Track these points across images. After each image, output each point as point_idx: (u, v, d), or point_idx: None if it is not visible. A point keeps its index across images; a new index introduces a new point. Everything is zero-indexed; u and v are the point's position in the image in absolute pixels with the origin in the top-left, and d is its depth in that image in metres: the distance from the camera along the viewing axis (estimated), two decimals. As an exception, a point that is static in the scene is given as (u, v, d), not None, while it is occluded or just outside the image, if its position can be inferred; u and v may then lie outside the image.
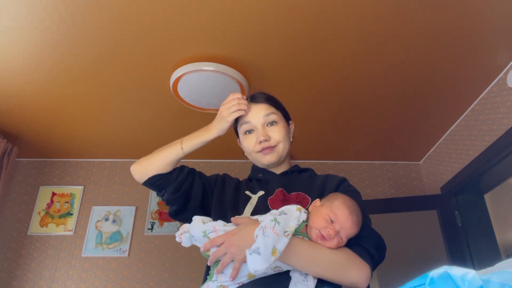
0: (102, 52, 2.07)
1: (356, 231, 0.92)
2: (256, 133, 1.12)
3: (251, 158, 1.16)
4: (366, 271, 0.90)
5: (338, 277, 0.90)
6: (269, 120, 1.13)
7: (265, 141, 1.10)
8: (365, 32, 1.94)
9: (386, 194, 3.27)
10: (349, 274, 0.89)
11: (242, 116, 1.14)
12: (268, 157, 1.11)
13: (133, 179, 3.53)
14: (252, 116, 1.13)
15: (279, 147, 1.12)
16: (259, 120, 1.12)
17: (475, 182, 2.66)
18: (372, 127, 2.86)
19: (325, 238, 0.89)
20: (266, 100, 1.16)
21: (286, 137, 1.14)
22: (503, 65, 2.20)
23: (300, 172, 1.18)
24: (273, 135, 1.11)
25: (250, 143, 1.13)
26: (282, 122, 1.15)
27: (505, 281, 0.40)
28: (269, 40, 1.99)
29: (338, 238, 0.90)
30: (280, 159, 1.14)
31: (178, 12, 1.81)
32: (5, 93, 2.41)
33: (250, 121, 1.13)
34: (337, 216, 0.90)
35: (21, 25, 1.88)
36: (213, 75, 2.14)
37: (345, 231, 0.90)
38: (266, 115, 1.12)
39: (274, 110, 1.15)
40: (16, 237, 3.00)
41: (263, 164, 1.15)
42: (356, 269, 0.90)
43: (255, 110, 1.13)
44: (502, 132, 2.24)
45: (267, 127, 1.12)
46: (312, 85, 2.37)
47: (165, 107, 2.57)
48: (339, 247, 0.91)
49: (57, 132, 2.89)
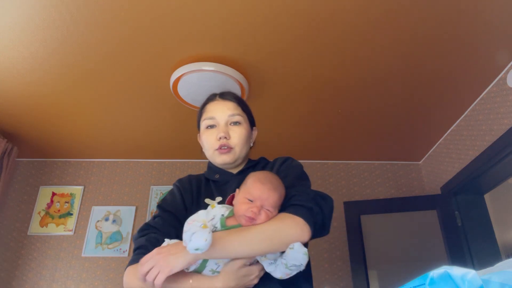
0: (102, 52, 2.07)
1: (276, 197, 0.92)
2: (217, 129, 1.10)
3: (208, 155, 1.14)
4: (301, 225, 0.88)
5: (281, 244, 0.87)
6: (233, 120, 1.11)
7: (225, 138, 1.08)
8: (365, 33, 1.94)
9: (386, 194, 3.27)
10: (288, 236, 0.87)
11: (206, 110, 1.14)
12: (224, 157, 1.09)
13: (133, 179, 3.55)
14: (217, 112, 1.12)
15: (236, 150, 1.10)
16: (224, 117, 1.11)
17: (475, 182, 2.65)
18: (372, 127, 2.86)
19: (253, 218, 0.89)
20: (234, 99, 1.15)
21: (246, 140, 1.13)
22: (503, 65, 2.20)
23: (254, 166, 1.17)
24: (233, 135, 1.10)
25: (210, 138, 1.11)
26: (245, 124, 1.14)
27: (505, 281, 0.40)
28: (269, 40, 1.99)
29: (265, 211, 0.90)
30: (236, 162, 1.12)
31: (178, 12, 1.81)
32: (6, 93, 2.41)
33: (215, 117, 1.11)
34: (252, 194, 0.91)
35: (22, 26, 1.88)
36: (213, 75, 2.14)
37: (266, 202, 0.90)
38: (231, 115, 1.11)
39: (241, 111, 1.14)
40: (16, 237, 3.00)
41: (217, 163, 1.13)
42: (291, 227, 0.88)
43: (222, 106, 1.12)
44: (502, 132, 2.24)
45: (229, 126, 1.11)
46: (312, 85, 2.37)
47: (165, 107, 2.58)
48: None
49: (57, 132, 2.89)
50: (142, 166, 3.32)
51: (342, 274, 2.93)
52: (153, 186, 3.22)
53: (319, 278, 2.93)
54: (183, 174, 1.19)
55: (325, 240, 3.05)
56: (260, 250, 0.88)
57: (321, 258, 3.00)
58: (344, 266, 2.95)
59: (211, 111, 1.13)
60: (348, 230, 2.92)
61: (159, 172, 3.29)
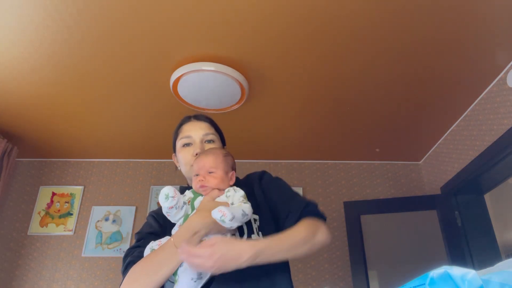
0: (103, 52, 2.07)
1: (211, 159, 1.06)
2: (193, 146, 1.18)
3: (185, 171, 1.20)
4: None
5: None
6: (207, 138, 1.20)
7: None
8: (365, 33, 1.94)
9: (386, 194, 3.27)
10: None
11: (182, 130, 1.23)
12: None
13: (133, 179, 3.55)
14: (193, 131, 1.20)
15: None
16: (199, 135, 1.19)
17: (475, 182, 2.66)
18: (372, 127, 2.86)
19: (202, 185, 1.03)
20: (207, 120, 1.26)
21: None
22: (503, 65, 2.20)
23: None
24: None
25: (186, 155, 1.18)
26: (218, 143, 1.23)
27: (505, 281, 0.40)
28: (269, 40, 1.99)
29: (210, 177, 1.04)
30: None
31: (178, 12, 1.81)
32: (6, 93, 2.41)
33: (191, 136, 1.20)
34: (194, 169, 1.08)
35: (22, 26, 1.88)
36: (213, 75, 2.14)
37: (204, 167, 1.05)
38: (205, 134, 1.20)
39: (214, 131, 1.24)
40: (16, 237, 3.00)
41: None
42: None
43: (197, 126, 1.22)
44: (502, 132, 2.24)
45: (204, 143, 1.19)
46: (312, 85, 2.37)
47: (165, 107, 2.58)
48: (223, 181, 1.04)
49: (57, 132, 2.89)
50: (142, 166, 3.32)
51: (342, 274, 2.94)
52: (153, 186, 3.22)
53: (319, 278, 2.93)
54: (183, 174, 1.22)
55: (325, 240, 3.05)
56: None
57: (321, 258, 3.00)
58: (344, 266, 2.96)
59: (187, 130, 1.21)
60: (348, 230, 2.92)
61: (159, 172, 3.29)
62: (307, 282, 2.92)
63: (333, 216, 3.15)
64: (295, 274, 2.93)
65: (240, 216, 0.93)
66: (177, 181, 3.21)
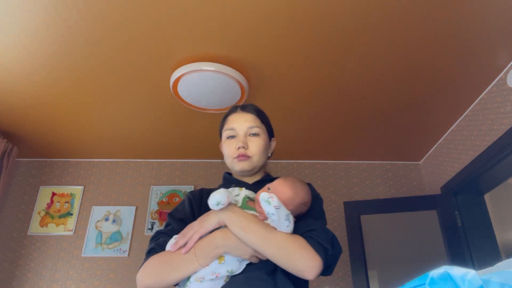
0: (103, 52, 2.07)
1: (290, 194, 1.02)
2: (237, 139, 1.18)
3: (228, 163, 1.21)
4: (316, 262, 0.93)
5: (286, 261, 0.93)
6: (252, 131, 1.19)
7: (243, 148, 1.15)
8: (365, 33, 1.94)
9: (386, 194, 3.27)
10: (298, 261, 0.92)
11: (228, 121, 1.22)
12: (242, 164, 1.16)
13: (133, 179, 3.55)
14: (237, 124, 1.19)
15: (254, 159, 1.17)
16: (243, 128, 1.18)
17: (475, 182, 2.65)
18: (372, 127, 2.86)
19: None
20: (254, 112, 1.23)
21: (263, 151, 1.19)
22: (503, 65, 2.20)
23: (271, 180, 1.21)
24: (251, 145, 1.17)
25: (230, 148, 1.18)
26: (264, 136, 1.21)
27: (505, 281, 0.40)
28: (269, 40, 1.99)
29: None
30: (253, 170, 1.18)
31: (178, 12, 1.81)
32: (6, 93, 2.41)
33: (234, 128, 1.19)
34: (272, 184, 1.04)
35: (22, 26, 1.88)
36: (213, 75, 2.14)
37: (279, 194, 0.99)
38: (250, 127, 1.18)
39: (259, 123, 1.21)
40: (16, 237, 3.00)
41: (236, 170, 1.19)
42: (306, 257, 0.92)
43: (242, 118, 1.20)
44: (502, 132, 2.24)
45: (248, 137, 1.18)
46: (312, 85, 2.37)
47: (165, 107, 2.58)
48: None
49: (57, 132, 2.89)
50: (142, 166, 3.32)
51: (342, 274, 2.93)
52: (153, 186, 3.22)
53: (319, 278, 2.92)
54: (183, 174, 1.23)
55: (325, 240, 3.05)
56: (269, 254, 0.94)
57: (321, 258, 2.99)
58: (344, 266, 2.95)
59: (232, 122, 1.20)
60: (348, 230, 2.92)
61: (159, 172, 3.29)
62: (307, 282, 2.91)
63: (333, 216, 3.15)
64: (295, 274, 2.93)
65: (284, 216, 0.94)
66: (176, 181, 3.21)
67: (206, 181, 3.21)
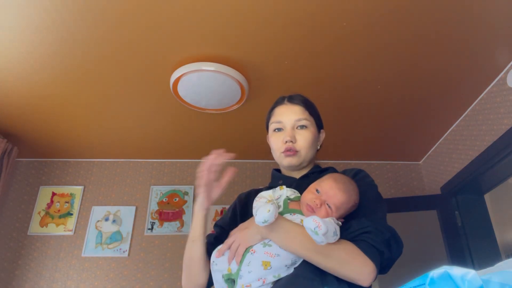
0: (102, 52, 2.07)
1: (343, 199, 0.93)
2: (284, 132, 1.12)
3: (275, 157, 1.16)
4: (369, 268, 0.87)
5: (337, 268, 0.88)
6: (299, 124, 1.12)
7: (290, 142, 1.10)
8: (365, 33, 1.94)
9: (386, 194, 3.27)
10: (350, 269, 0.87)
11: (275, 113, 1.16)
12: (289, 159, 1.11)
13: (133, 179, 3.55)
14: (284, 116, 1.14)
15: (302, 153, 1.11)
16: (290, 121, 1.12)
17: (475, 182, 2.65)
18: (372, 127, 2.86)
19: (313, 208, 0.91)
20: (302, 103, 1.16)
21: (312, 144, 1.13)
22: (503, 65, 2.20)
23: (320, 172, 1.16)
24: (299, 138, 1.11)
25: (277, 141, 1.13)
26: (312, 128, 1.14)
27: (505, 281, 0.40)
28: (269, 40, 1.99)
29: (325, 207, 0.92)
30: (302, 164, 1.13)
31: (178, 12, 1.81)
32: (6, 93, 2.41)
33: (281, 121, 1.13)
34: (321, 186, 0.94)
35: (22, 26, 1.88)
36: (213, 75, 2.14)
37: (331, 199, 0.92)
38: (298, 119, 1.12)
39: (307, 115, 1.15)
40: (16, 237, 3.00)
41: (283, 165, 1.14)
42: (356, 263, 0.87)
43: (289, 110, 1.14)
44: (502, 132, 2.24)
45: (296, 129, 1.12)
46: (312, 85, 2.37)
47: (165, 107, 2.57)
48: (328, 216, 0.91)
49: (57, 132, 2.89)
50: (142, 166, 3.32)
51: (342, 274, 2.93)
52: (153, 186, 3.22)
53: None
54: (183, 174, 1.22)
55: (325, 240, 3.05)
56: (320, 264, 0.89)
57: (321, 258, 2.99)
58: (344, 266, 2.95)
59: (279, 114, 1.15)
60: (348, 230, 2.92)
61: (159, 172, 3.29)
62: (307, 282, 2.91)
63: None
64: (295, 274, 2.93)
65: (332, 233, 0.85)
66: (176, 181, 3.21)
67: (206, 181, 3.20)
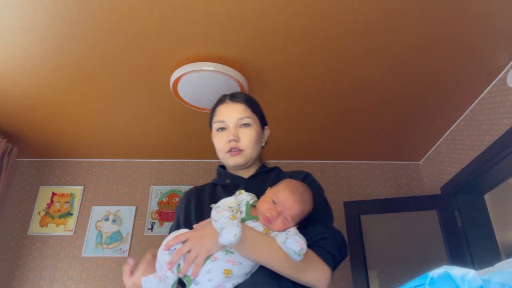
0: (102, 52, 2.07)
1: (299, 211, 0.94)
2: (227, 131, 1.12)
3: (220, 157, 1.16)
4: (326, 274, 0.92)
5: (297, 276, 0.91)
6: (242, 122, 1.13)
7: (234, 141, 1.10)
8: (365, 32, 1.94)
9: (386, 194, 3.27)
10: (309, 275, 0.91)
11: (217, 112, 1.16)
12: (235, 159, 1.11)
13: (133, 179, 3.55)
14: (226, 115, 1.13)
15: (247, 152, 1.12)
16: (233, 120, 1.12)
17: (475, 182, 2.65)
18: (372, 127, 2.86)
19: (270, 220, 0.91)
20: (245, 101, 1.16)
21: (256, 141, 1.13)
22: (503, 65, 2.20)
23: (267, 172, 1.18)
24: (243, 137, 1.11)
25: (221, 141, 1.13)
26: (255, 126, 1.15)
27: (505, 281, 0.40)
28: (269, 40, 1.99)
29: (282, 219, 0.92)
30: (247, 163, 1.14)
31: (178, 12, 1.81)
32: (6, 93, 2.41)
33: (224, 120, 1.13)
34: (278, 197, 0.94)
35: (22, 26, 1.88)
36: (213, 75, 2.14)
37: (287, 210, 0.92)
38: (240, 118, 1.12)
39: (250, 113, 1.15)
40: (16, 237, 3.00)
41: (229, 165, 1.15)
42: (316, 271, 0.91)
43: (232, 109, 1.14)
44: (502, 132, 2.24)
45: (239, 128, 1.12)
46: (312, 85, 2.37)
47: (165, 107, 2.57)
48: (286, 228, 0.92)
49: (57, 132, 2.89)
50: (142, 166, 3.32)
51: (342, 274, 2.93)
52: (153, 186, 3.22)
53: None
54: (183, 174, 1.22)
55: (325, 240, 3.05)
56: (279, 271, 0.90)
57: (321, 258, 2.99)
58: (344, 266, 2.95)
59: (221, 113, 1.15)
60: (348, 230, 2.92)
61: (159, 172, 3.29)
62: (307, 282, 2.91)
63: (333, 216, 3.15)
64: (295, 274, 2.93)
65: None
66: (176, 181, 3.21)
67: (206, 181, 3.18)
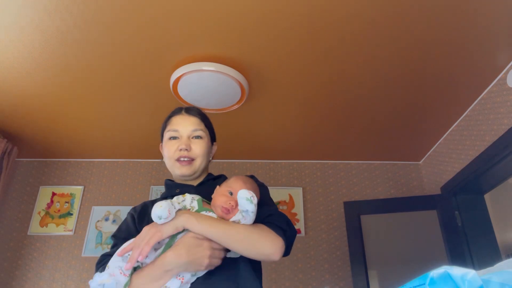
0: (102, 52, 2.07)
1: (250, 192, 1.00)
2: (179, 141, 1.17)
3: (169, 165, 1.19)
4: (280, 243, 0.97)
5: (252, 249, 0.95)
6: (195, 134, 1.18)
7: (185, 150, 1.14)
8: (365, 33, 1.94)
9: (386, 194, 3.27)
10: (263, 247, 0.95)
11: (171, 122, 1.20)
12: (184, 169, 1.15)
13: (133, 179, 3.54)
14: (181, 125, 1.18)
15: (197, 162, 1.16)
16: (187, 131, 1.17)
17: (475, 182, 2.65)
18: (372, 127, 2.86)
19: (229, 210, 0.97)
20: (199, 115, 1.22)
21: (205, 154, 1.19)
22: (503, 65, 2.20)
23: (215, 179, 1.22)
24: (194, 147, 1.16)
25: (172, 149, 1.16)
26: (207, 139, 1.20)
27: (505, 281, 0.40)
28: (269, 40, 1.99)
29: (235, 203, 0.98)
30: (195, 174, 1.17)
31: (178, 12, 1.81)
32: (6, 93, 2.41)
33: (178, 129, 1.18)
34: (234, 188, 1.01)
35: (22, 25, 1.88)
36: (213, 75, 2.14)
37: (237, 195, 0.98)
38: (194, 130, 1.18)
39: (203, 127, 1.21)
40: (16, 237, 3.00)
41: (176, 174, 1.18)
42: (270, 241, 0.96)
43: (187, 121, 1.19)
44: (502, 132, 2.24)
45: (191, 139, 1.17)
46: (311, 85, 2.37)
47: (165, 107, 2.57)
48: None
49: (57, 132, 2.89)
50: (142, 166, 3.32)
51: (342, 274, 2.93)
52: (153, 186, 3.22)
53: (319, 278, 2.93)
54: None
55: (325, 240, 3.06)
56: (233, 247, 0.96)
57: (321, 258, 3.00)
58: (344, 266, 2.96)
59: (176, 123, 1.20)
60: (348, 230, 2.92)
61: (159, 172, 3.29)
62: (307, 282, 2.92)
63: (333, 216, 3.15)
64: (295, 274, 2.93)
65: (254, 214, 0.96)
66: (177, 181, 3.20)
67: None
